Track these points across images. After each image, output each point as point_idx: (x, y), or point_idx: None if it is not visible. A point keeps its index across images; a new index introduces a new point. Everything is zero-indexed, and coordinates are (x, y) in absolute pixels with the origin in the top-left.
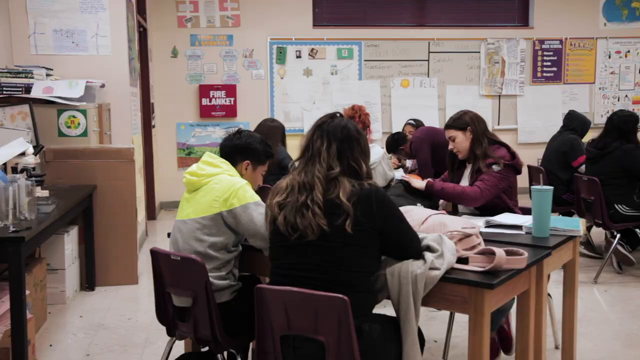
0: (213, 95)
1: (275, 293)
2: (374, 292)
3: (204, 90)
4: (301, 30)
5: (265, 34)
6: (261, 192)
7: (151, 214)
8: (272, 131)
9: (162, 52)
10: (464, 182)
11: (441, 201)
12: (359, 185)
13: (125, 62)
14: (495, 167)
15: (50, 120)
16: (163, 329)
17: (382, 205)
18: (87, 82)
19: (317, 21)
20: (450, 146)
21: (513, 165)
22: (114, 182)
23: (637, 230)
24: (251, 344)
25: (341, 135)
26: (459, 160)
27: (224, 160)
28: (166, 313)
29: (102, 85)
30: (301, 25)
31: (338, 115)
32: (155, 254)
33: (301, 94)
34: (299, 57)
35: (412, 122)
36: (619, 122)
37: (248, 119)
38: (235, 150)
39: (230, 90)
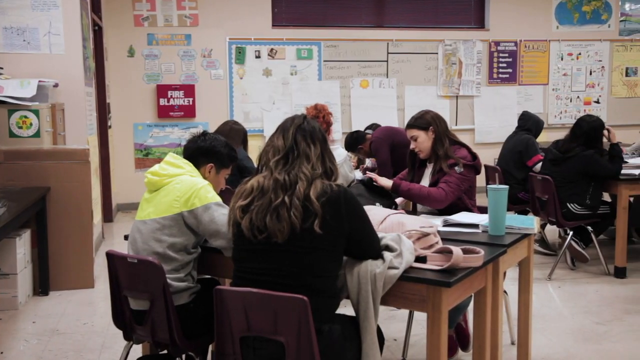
0: (171, 96)
1: (235, 294)
2: (337, 296)
3: (162, 90)
4: (260, 30)
5: (224, 34)
6: (222, 194)
7: (108, 216)
8: (234, 133)
9: (118, 51)
10: (425, 181)
11: (399, 200)
12: (329, 186)
13: (79, 61)
14: (457, 169)
15: (1, 120)
16: (120, 333)
17: (350, 207)
18: (39, 81)
19: (276, 21)
20: (412, 145)
21: (474, 165)
22: (68, 183)
23: (589, 227)
24: (210, 346)
25: (321, 137)
26: (419, 160)
27: (187, 161)
28: (123, 317)
29: (56, 85)
30: (260, 25)
31: (305, 116)
32: (111, 256)
33: (261, 94)
34: (258, 57)
35: (369, 132)
36: (589, 129)
37: (207, 119)
38: (199, 152)
39: (188, 90)
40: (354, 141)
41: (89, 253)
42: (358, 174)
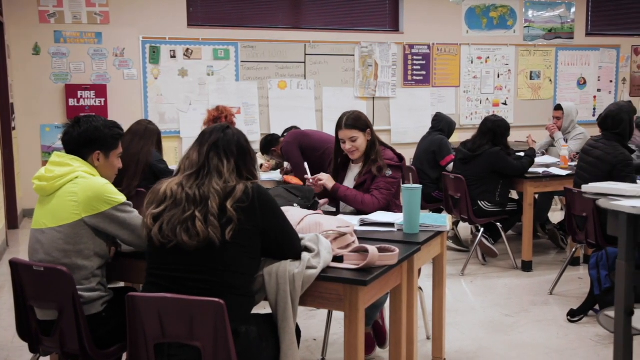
0: (81, 96)
1: (148, 300)
2: (253, 296)
3: (71, 90)
4: (175, 29)
5: (137, 33)
6: (137, 197)
7: (12, 223)
8: (149, 133)
9: (22, 48)
10: (348, 182)
11: (322, 201)
12: (246, 191)
13: None
14: (387, 173)
15: None
16: (25, 345)
17: (264, 203)
18: None
19: (191, 21)
20: (348, 146)
21: (400, 167)
22: None
23: (498, 224)
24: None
25: (237, 151)
26: (343, 161)
27: (73, 157)
28: (28, 328)
29: None
30: (175, 24)
31: (226, 127)
32: (15, 265)
33: (177, 94)
34: (173, 57)
35: (285, 135)
36: (493, 127)
37: (120, 120)
38: (79, 144)
39: (100, 90)
40: (267, 144)
41: None
42: (277, 175)
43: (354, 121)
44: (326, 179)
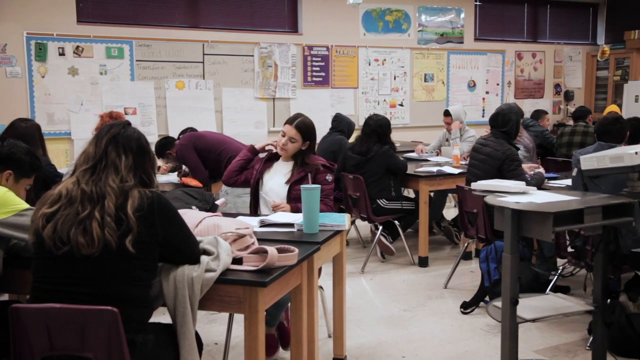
0: None
1: (35, 311)
2: (151, 306)
3: None
4: (64, 25)
5: (21, 28)
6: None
7: None
8: (29, 132)
9: None
10: (277, 175)
11: (220, 202)
12: (143, 193)
13: None
14: (329, 178)
15: None
16: None
17: (163, 213)
18: None
19: (82, 17)
20: (283, 141)
21: (332, 169)
22: None
23: (397, 222)
24: None
25: (136, 148)
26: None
27: None
28: None
29: None
30: (64, 20)
31: (128, 123)
32: None
33: (67, 94)
34: (62, 54)
35: (180, 137)
36: (376, 127)
37: (3, 121)
38: None
39: None
40: (162, 147)
41: None
42: (174, 178)
43: (304, 126)
44: (286, 207)
